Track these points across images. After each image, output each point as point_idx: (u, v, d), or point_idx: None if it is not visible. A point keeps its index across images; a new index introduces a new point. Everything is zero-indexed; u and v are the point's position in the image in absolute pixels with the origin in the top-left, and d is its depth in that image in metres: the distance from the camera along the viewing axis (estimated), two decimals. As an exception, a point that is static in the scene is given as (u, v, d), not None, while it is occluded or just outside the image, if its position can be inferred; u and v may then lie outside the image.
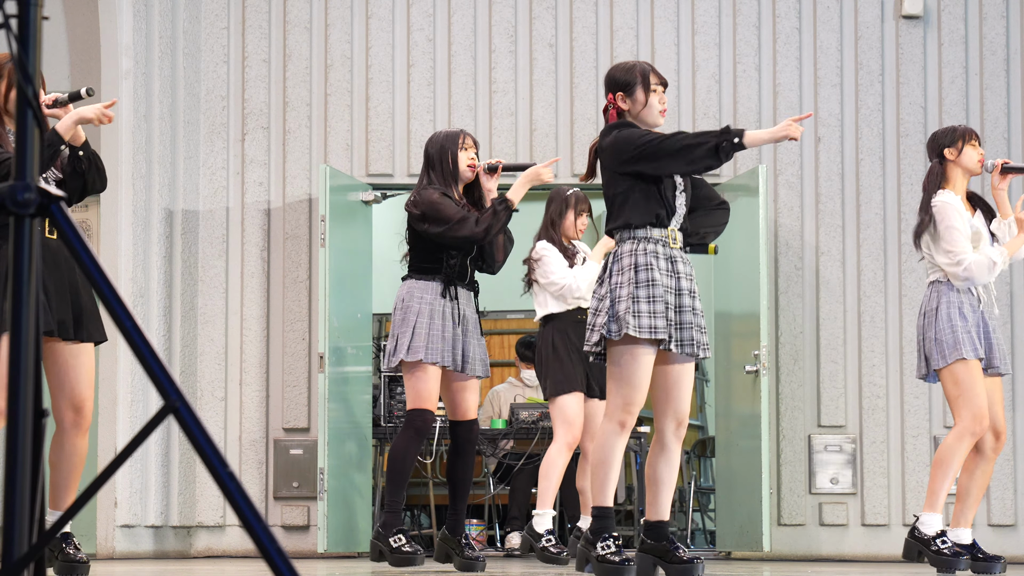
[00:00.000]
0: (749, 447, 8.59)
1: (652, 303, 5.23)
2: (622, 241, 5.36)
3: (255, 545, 2.11)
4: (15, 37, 2.14)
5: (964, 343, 6.37)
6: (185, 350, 8.95)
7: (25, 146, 2.14)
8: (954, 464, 6.38)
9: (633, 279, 5.25)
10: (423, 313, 6.32)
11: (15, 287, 2.10)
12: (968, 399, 6.37)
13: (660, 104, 5.44)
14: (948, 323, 6.41)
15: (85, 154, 5.49)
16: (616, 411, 5.30)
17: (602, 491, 5.39)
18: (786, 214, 9.09)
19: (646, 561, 5.48)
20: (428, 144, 6.55)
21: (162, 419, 2.11)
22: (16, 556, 2.05)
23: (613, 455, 5.33)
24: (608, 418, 5.33)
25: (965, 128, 6.64)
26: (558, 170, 9.17)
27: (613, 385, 5.30)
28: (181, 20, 9.07)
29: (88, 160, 5.51)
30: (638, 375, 5.27)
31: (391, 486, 6.39)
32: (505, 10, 9.22)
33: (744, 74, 9.17)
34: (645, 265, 5.27)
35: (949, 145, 6.57)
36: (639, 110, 5.42)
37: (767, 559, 8.70)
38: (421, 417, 6.34)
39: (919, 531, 6.45)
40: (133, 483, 8.66)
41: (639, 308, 5.22)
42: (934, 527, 6.41)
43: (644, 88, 5.41)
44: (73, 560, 5.49)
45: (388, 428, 9.04)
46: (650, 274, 5.26)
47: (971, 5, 9.18)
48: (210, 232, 9.07)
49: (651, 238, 5.32)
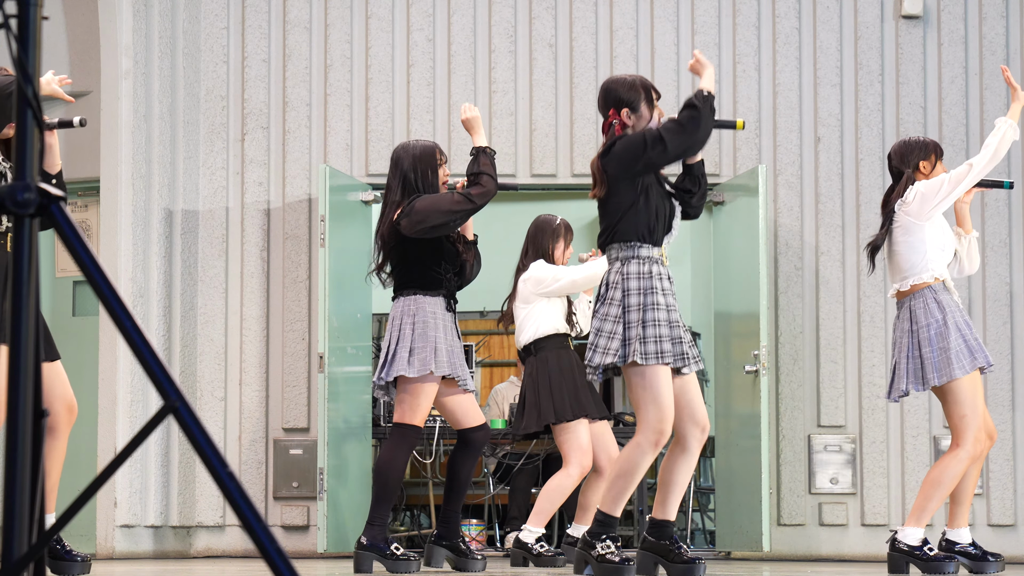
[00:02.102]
0: (749, 447, 8.59)
1: (657, 327, 5.36)
2: (626, 261, 5.41)
3: (255, 545, 2.11)
4: (15, 37, 2.14)
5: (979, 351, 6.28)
6: (185, 350, 8.95)
7: (25, 146, 2.14)
8: (950, 487, 6.30)
9: (640, 303, 5.36)
10: (439, 328, 6.37)
11: (15, 287, 2.10)
12: (971, 420, 6.24)
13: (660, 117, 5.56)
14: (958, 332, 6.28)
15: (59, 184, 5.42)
16: (650, 430, 5.38)
17: (616, 501, 5.46)
18: (786, 214, 9.09)
19: (647, 559, 5.51)
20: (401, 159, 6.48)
21: (162, 419, 2.11)
22: (16, 556, 2.05)
23: (638, 470, 5.41)
24: (642, 434, 5.39)
25: (935, 143, 6.60)
26: (558, 170, 9.17)
27: (642, 406, 5.40)
28: (181, 20, 9.07)
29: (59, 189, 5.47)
30: (663, 394, 5.37)
31: (381, 499, 6.36)
32: (505, 10, 9.22)
33: (744, 74, 9.17)
34: (651, 288, 5.38)
35: (924, 159, 6.54)
36: (643, 125, 5.51)
37: (767, 559, 8.70)
38: (417, 434, 6.39)
39: (901, 543, 6.33)
40: (133, 483, 8.65)
41: (646, 334, 5.34)
42: (916, 537, 6.34)
43: (648, 103, 5.52)
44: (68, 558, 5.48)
45: (387, 428, 9.04)
46: (654, 297, 5.37)
47: (971, 5, 9.18)
48: (210, 232, 9.07)
49: (651, 258, 5.42)
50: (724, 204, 9.04)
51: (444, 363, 6.33)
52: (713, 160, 9.11)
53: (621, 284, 5.40)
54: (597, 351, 5.41)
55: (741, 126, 5.79)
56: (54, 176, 5.41)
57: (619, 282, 5.41)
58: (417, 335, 6.33)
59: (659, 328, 5.35)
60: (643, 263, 5.39)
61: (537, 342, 7.35)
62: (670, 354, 5.36)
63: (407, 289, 6.44)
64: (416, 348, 6.32)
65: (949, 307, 6.33)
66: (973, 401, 6.28)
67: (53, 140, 5.43)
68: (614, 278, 5.43)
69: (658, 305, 5.36)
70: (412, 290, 6.42)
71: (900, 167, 6.55)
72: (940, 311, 6.33)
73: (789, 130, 9.14)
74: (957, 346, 6.27)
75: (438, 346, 6.33)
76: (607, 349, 5.38)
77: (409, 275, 6.44)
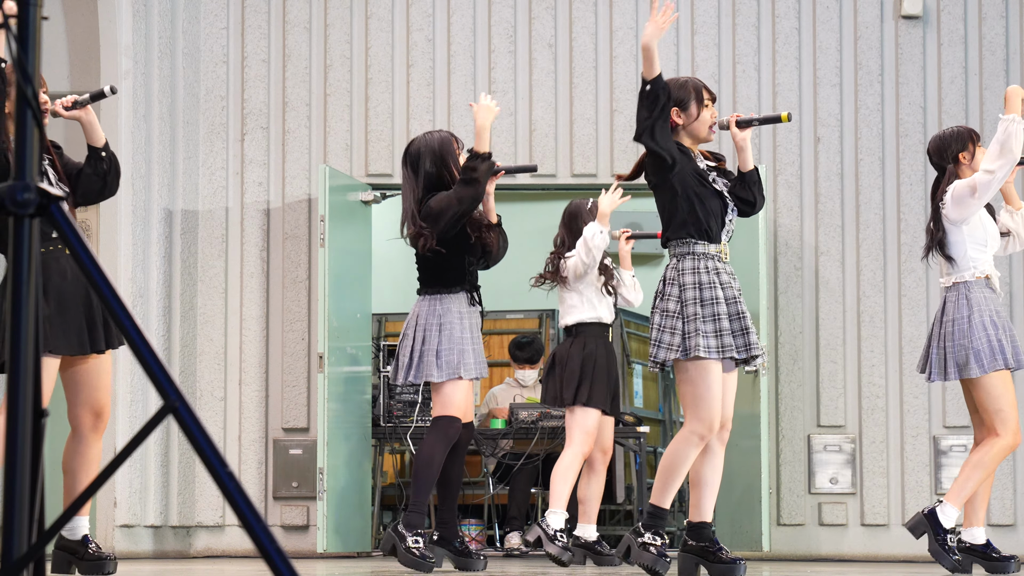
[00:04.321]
0: (749, 447, 8.59)
1: (717, 321, 5.41)
2: (682, 257, 5.49)
3: (255, 545, 2.11)
4: (15, 37, 2.14)
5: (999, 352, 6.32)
6: (184, 350, 8.95)
7: (25, 146, 2.14)
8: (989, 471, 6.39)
9: (698, 297, 5.41)
10: (464, 328, 6.40)
11: (14, 287, 2.10)
12: (1008, 413, 6.32)
13: (712, 119, 5.60)
14: (983, 331, 6.35)
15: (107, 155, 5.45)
16: (697, 425, 5.43)
17: (664, 493, 5.53)
18: (785, 214, 9.09)
19: (689, 561, 5.58)
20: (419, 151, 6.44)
21: (161, 419, 2.11)
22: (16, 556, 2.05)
23: (684, 464, 5.46)
24: (689, 428, 5.44)
25: (970, 130, 6.63)
26: (558, 170, 9.17)
27: (690, 401, 5.45)
28: (180, 20, 9.07)
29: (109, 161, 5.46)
30: (713, 391, 5.42)
31: (419, 488, 6.36)
32: (504, 10, 9.22)
33: (744, 74, 9.17)
34: (709, 284, 5.44)
35: (962, 150, 6.57)
36: (691, 123, 5.55)
37: (766, 559, 8.70)
38: (455, 427, 6.38)
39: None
40: (132, 483, 8.65)
41: (706, 328, 5.38)
42: (951, 518, 6.42)
43: (698, 102, 5.56)
44: (99, 558, 5.48)
45: (387, 428, 9.04)
46: (713, 292, 5.42)
47: (971, 5, 9.18)
48: (209, 232, 9.07)
49: (708, 254, 5.47)
50: (724, 204, 9.04)
51: (471, 365, 6.39)
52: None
53: (677, 280, 5.47)
54: (661, 347, 5.47)
55: (787, 118, 5.79)
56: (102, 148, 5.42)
57: (675, 278, 5.48)
58: (444, 337, 6.37)
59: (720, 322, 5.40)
60: (698, 260, 5.46)
61: (578, 325, 7.49)
62: (731, 347, 5.40)
63: (430, 287, 6.45)
64: (443, 351, 6.36)
65: (979, 305, 6.39)
66: (1005, 396, 6.34)
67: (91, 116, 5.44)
68: (670, 274, 5.50)
69: (717, 300, 5.41)
70: (435, 288, 6.43)
71: (940, 163, 6.58)
72: (968, 308, 6.40)
73: (789, 130, 9.14)
74: (979, 346, 6.34)
75: (464, 348, 6.38)
76: (671, 345, 5.44)
77: (432, 271, 6.45)
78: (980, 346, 6.33)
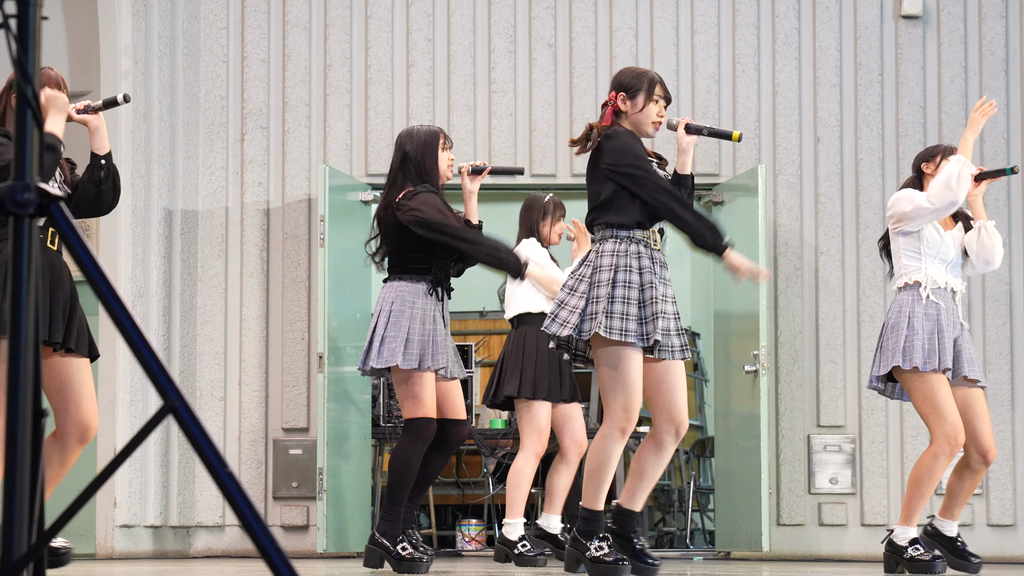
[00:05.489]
0: (748, 447, 8.59)
1: (626, 304, 5.23)
2: (604, 239, 5.34)
3: (254, 545, 2.11)
4: (14, 37, 2.14)
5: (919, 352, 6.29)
6: (184, 350, 8.95)
7: (25, 146, 2.14)
8: (931, 484, 6.33)
9: (611, 279, 5.24)
10: (415, 318, 6.19)
11: (14, 287, 2.10)
12: (939, 415, 6.27)
13: (657, 116, 5.47)
14: (893, 332, 6.36)
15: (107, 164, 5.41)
16: (616, 417, 5.27)
17: (596, 495, 5.36)
18: (785, 214, 9.09)
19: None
20: (404, 141, 6.36)
21: (161, 419, 2.11)
22: (16, 556, 2.05)
23: (611, 460, 5.30)
24: (608, 423, 5.29)
25: (946, 147, 6.62)
26: (557, 170, 9.17)
27: (608, 390, 5.28)
28: (180, 20, 9.07)
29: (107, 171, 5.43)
30: (630, 378, 5.24)
31: (393, 495, 6.21)
32: (504, 10, 9.23)
33: (743, 74, 9.17)
34: (625, 267, 5.26)
35: (925, 160, 6.59)
36: (635, 114, 5.44)
37: (766, 559, 8.70)
38: (428, 427, 6.20)
39: (894, 543, 6.42)
40: (132, 483, 8.65)
41: (613, 309, 5.21)
42: (907, 536, 6.39)
43: (647, 95, 5.44)
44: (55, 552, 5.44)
45: (387, 428, 9.04)
46: (628, 276, 5.25)
47: (970, 5, 9.19)
48: (209, 232, 9.07)
49: (633, 239, 5.32)
50: (724, 204, 9.04)
51: (414, 355, 6.15)
52: (712, 160, 9.12)
53: (596, 261, 5.32)
54: (555, 321, 5.30)
55: (737, 138, 5.72)
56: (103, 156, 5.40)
57: (592, 259, 5.34)
58: (391, 324, 6.18)
59: (628, 306, 5.22)
60: (620, 243, 5.30)
61: (521, 316, 7.35)
62: (634, 334, 5.20)
63: (392, 276, 6.31)
64: (387, 338, 6.17)
65: (914, 309, 6.35)
66: (934, 402, 6.28)
67: (100, 123, 5.42)
68: (590, 255, 5.36)
69: (630, 284, 5.24)
70: (396, 276, 6.29)
71: (914, 172, 6.62)
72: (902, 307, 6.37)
73: (789, 130, 9.14)
74: (908, 344, 6.31)
75: (410, 337, 6.16)
76: (555, 316, 5.30)
77: (396, 261, 6.31)
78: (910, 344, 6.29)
